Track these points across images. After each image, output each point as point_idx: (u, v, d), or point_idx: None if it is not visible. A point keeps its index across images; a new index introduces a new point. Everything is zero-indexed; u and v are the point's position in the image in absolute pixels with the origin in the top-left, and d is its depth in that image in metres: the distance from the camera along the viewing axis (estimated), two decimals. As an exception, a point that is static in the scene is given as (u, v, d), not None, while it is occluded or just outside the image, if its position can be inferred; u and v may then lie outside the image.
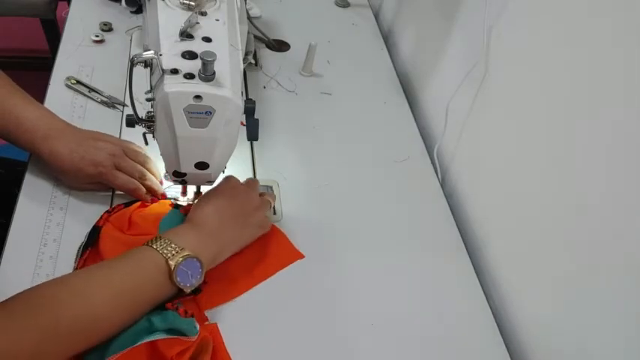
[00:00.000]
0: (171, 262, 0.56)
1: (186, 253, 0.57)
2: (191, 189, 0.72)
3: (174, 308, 0.57)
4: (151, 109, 0.60)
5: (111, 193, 0.71)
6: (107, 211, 0.67)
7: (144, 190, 0.70)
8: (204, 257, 0.59)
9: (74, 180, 0.69)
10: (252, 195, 0.68)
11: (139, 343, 0.54)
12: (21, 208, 0.68)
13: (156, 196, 0.71)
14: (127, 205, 0.69)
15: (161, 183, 0.73)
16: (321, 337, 0.64)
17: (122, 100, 0.84)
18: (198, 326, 0.57)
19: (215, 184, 0.69)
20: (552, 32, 0.66)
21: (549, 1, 0.67)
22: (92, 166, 0.66)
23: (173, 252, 0.57)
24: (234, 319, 0.64)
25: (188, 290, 0.58)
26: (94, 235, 0.64)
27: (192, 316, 0.58)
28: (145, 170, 0.70)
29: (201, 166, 0.63)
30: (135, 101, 0.59)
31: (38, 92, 0.84)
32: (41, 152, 0.66)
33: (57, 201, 0.69)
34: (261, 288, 0.67)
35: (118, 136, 0.78)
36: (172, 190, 0.74)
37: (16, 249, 0.63)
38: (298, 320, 0.65)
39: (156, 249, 0.57)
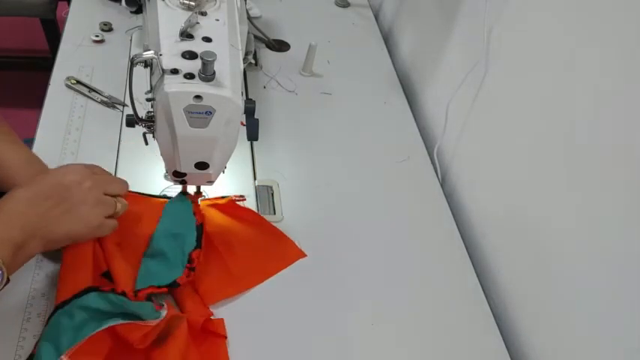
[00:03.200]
0: None
1: None
2: (191, 189, 0.72)
3: (120, 293, 0.56)
4: (151, 109, 0.60)
5: None
6: None
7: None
8: (3, 253, 0.50)
9: None
10: (92, 188, 0.56)
11: (95, 331, 0.53)
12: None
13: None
14: None
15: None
16: (321, 336, 0.64)
17: (122, 100, 0.84)
18: (164, 312, 0.57)
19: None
20: (552, 32, 0.66)
21: (549, 1, 0.67)
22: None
23: None
24: (235, 317, 0.63)
25: None
26: None
27: (148, 300, 0.57)
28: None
29: (201, 166, 0.63)
30: (135, 101, 0.59)
31: (38, 92, 0.84)
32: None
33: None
34: (260, 287, 0.67)
35: (117, 136, 0.78)
36: (172, 190, 0.74)
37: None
38: (298, 319, 0.65)
39: None
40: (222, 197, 0.74)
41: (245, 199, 0.74)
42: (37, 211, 0.52)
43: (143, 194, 0.71)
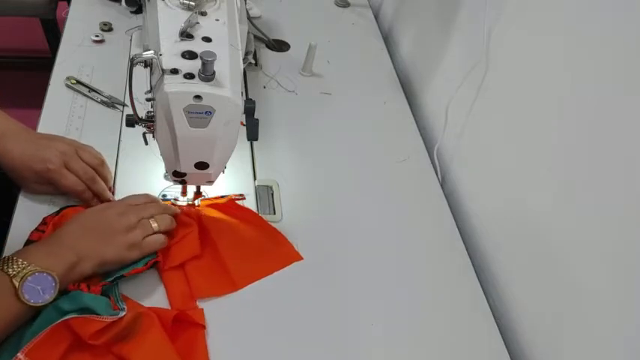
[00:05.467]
0: (15, 281, 0.53)
1: (31, 269, 0.54)
2: (191, 189, 0.72)
3: (76, 287, 0.57)
4: (151, 109, 0.60)
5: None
6: (43, 222, 0.66)
7: (90, 194, 0.68)
8: (58, 269, 0.56)
9: (23, 180, 0.67)
10: (128, 215, 0.64)
11: (49, 327, 0.53)
12: (21, 208, 0.68)
13: (103, 201, 0.69)
14: (62, 210, 0.67)
15: (111, 191, 0.71)
16: (321, 336, 0.64)
17: (122, 100, 0.84)
18: (122, 313, 0.57)
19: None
20: (552, 32, 0.66)
21: (549, 1, 0.67)
22: (40, 162, 0.65)
23: (18, 269, 0.54)
24: (231, 316, 0.64)
25: (41, 305, 0.55)
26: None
27: (104, 295, 0.58)
28: (95, 174, 0.68)
29: (201, 166, 0.63)
30: (135, 101, 0.59)
31: (38, 92, 0.84)
32: None
33: (56, 201, 0.69)
34: (260, 286, 0.67)
35: (117, 136, 0.79)
36: (172, 190, 0.74)
37: (16, 249, 0.63)
38: (298, 319, 0.65)
39: (1, 269, 0.54)
40: (222, 197, 0.74)
41: (245, 198, 0.74)
42: (86, 239, 0.61)
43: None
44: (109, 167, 0.72)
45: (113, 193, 0.71)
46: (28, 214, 0.67)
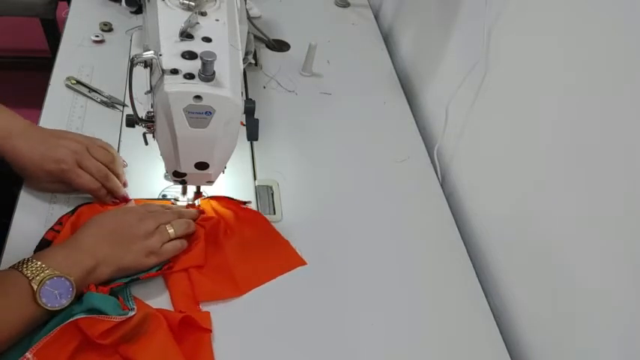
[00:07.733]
0: (34, 284, 0.53)
1: (49, 273, 0.54)
2: (191, 189, 0.72)
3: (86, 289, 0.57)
4: (151, 109, 0.60)
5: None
6: (59, 222, 0.66)
7: (105, 191, 0.68)
8: (75, 274, 0.56)
9: (35, 179, 0.67)
10: (147, 221, 0.64)
11: (57, 328, 0.53)
12: (21, 209, 0.68)
13: (117, 198, 0.70)
14: (77, 208, 0.67)
15: (125, 186, 0.71)
16: (321, 336, 0.65)
17: (122, 100, 0.84)
18: (131, 313, 0.57)
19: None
20: (552, 32, 0.66)
21: (549, 1, 0.67)
22: (53, 163, 0.65)
23: (36, 272, 0.54)
24: (231, 316, 0.64)
25: (57, 309, 0.55)
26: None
27: (112, 295, 0.58)
28: (108, 171, 0.68)
29: (201, 166, 0.63)
30: (135, 101, 0.59)
31: (38, 92, 0.84)
32: (4, 151, 0.65)
33: (57, 201, 0.69)
34: (262, 289, 0.67)
35: (117, 136, 0.79)
36: (172, 190, 0.74)
37: (16, 249, 0.63)
38: (297, 319, 0.65)
39: (20, 271, 0.54)
40: (229, 198, 0.74)
41: (250, 203, 0.74)
42: (105, 244, 0.61)
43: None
44: (121, 162, 0.72)
45: (125, 187, 0.71)
46: (27, 214, 0.67)
